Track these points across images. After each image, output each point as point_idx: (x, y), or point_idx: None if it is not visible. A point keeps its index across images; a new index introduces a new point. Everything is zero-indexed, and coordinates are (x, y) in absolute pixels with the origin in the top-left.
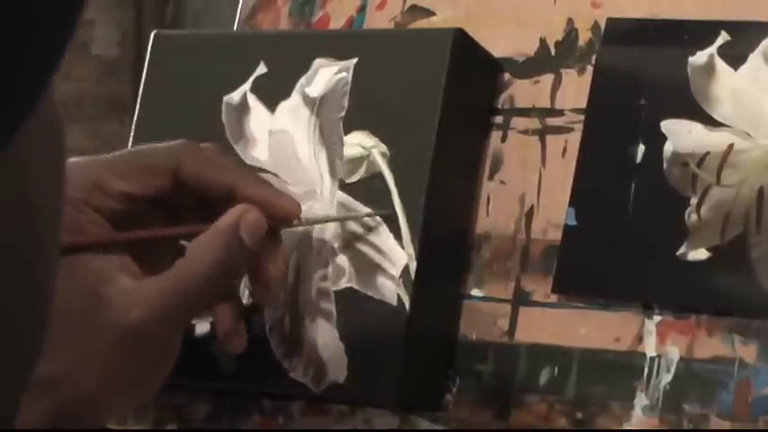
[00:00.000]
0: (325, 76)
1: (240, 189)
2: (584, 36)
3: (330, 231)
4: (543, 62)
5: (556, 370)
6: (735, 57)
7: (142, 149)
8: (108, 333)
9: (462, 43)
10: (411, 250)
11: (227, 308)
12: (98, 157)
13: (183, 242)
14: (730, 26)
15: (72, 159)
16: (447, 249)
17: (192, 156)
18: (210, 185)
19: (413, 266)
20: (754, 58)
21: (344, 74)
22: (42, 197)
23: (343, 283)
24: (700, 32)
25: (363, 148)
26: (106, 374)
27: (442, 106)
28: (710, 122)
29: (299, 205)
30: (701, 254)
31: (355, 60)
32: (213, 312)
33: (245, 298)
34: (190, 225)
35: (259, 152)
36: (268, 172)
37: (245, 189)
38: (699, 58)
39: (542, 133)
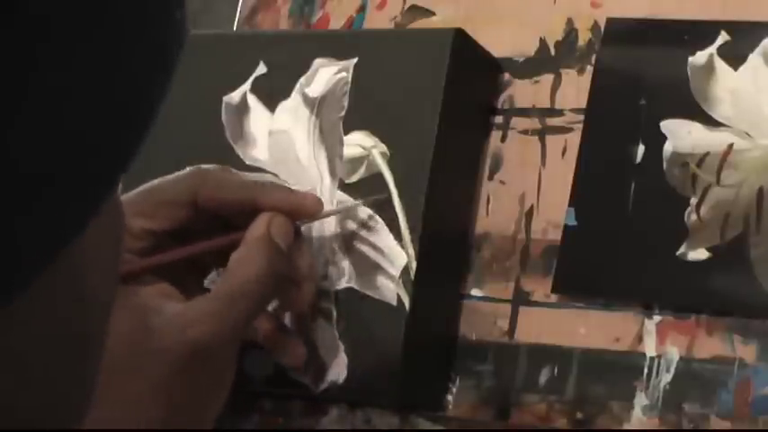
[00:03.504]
0: (325, 76)
1: (261, 199)
2: (583, 36)
3: (330, 231)
4: (543, 62)
5: (556, 370)
6: (735, 57)
7: (157, 185)
8: (166, 359)
9: (462, 43)
10: (411, 250)
11: (264, 320)
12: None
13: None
14: (730, 26)
15: None
16: (447, 249)
17: (205, 182)
18: (230, 205)
19: (413, 266)
20: (754, 58)
21: (344, 74)
22: (96, 294)
23: (343, 283)
24: (700, 32)
25: (363, 148)
26: (171, 400)
27: (442, 106)
28: (710, 122)
29: (321, 200)
30: (700, 254)
31: (355, 60)
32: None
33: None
34: (213, 240)
35: (259, 152)
36: (268, 172)
37: (265, 198)
38: (699, 58)
39: (542, 133)
